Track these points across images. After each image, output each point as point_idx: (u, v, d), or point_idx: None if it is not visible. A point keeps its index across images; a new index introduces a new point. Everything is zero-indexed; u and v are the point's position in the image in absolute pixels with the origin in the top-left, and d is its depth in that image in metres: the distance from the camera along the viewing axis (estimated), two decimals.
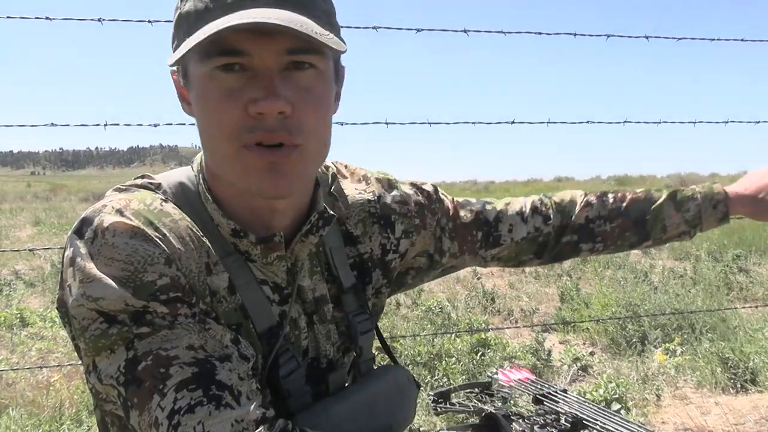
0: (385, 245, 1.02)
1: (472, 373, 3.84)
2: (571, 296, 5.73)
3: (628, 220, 1.18)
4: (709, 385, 3.69)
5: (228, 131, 0.76)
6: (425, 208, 1.07)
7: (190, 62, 0.78)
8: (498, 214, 1.15)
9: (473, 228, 1.13)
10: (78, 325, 0.73)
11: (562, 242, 1.18)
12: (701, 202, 1.18)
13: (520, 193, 15.74)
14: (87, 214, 0.77)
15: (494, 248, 1.15)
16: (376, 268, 1.02)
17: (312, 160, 0.81)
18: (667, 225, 1.19)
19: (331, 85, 0.82)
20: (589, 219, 1.18)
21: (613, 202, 1.19)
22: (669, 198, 1.19)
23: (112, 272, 0.72)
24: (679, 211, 1.19)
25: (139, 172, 0.93)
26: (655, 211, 1.18)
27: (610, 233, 1.19)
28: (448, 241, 1.10)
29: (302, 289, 0.91)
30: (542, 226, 1.16)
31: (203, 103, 0.77)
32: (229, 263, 0.84)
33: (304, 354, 0.92)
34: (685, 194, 1.19)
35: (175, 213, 0.80)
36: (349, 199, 1.00)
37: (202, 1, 0.75)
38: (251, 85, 0.74)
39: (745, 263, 7.11)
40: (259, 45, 0.73)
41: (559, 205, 1.19)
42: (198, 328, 0.74)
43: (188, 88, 0.81)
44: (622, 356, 4.30)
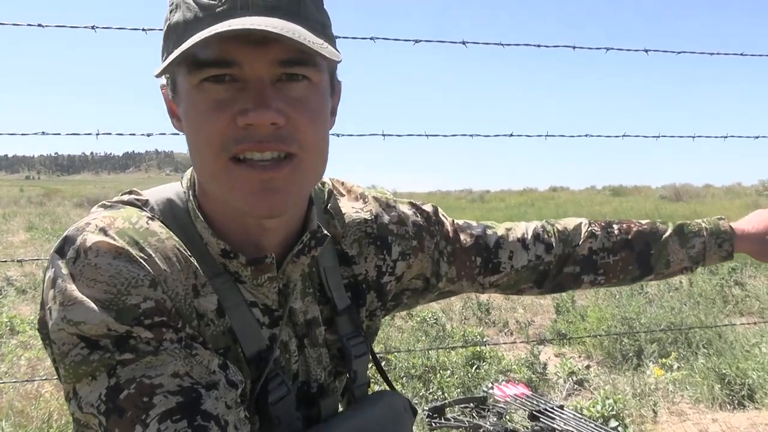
0: (380, 267, 0.99)
1: (467, 386, 3.80)
2: (566, 308, 5.70)
3: (632, 253, 1.16)
4: (706, 401, 3.66)
5: (215, 143, 0.72)
6: (423, 230, 1.04)
7: (178, 75, 0.75)
8: (498, 239, 1.11)
9: (472, 253, 1.09)
10: (58, 350, 0.70)
11: (564, 272, 1.15)
12: (707, 239, 1.16)
13: (515, 203, 15.71)
14: (69, 232, 0.74)
15: (493, 275, 1.11)
16: (371, 290, 0.98)
17: (307, 174, 0.78)
18: (671, 260, 1.17)
19: (326, 98, 0.79)
20: (593, 250, 1.15)
21: (618, 233, 1.16)
22: (675, 233, 1.17)
23: (95, 294, 0.69)
24: (683, 247, 1.16)
25: (135, 178, 0.90)
26: (660, 246, 1.16)
27: (613, 266, 1.16)
28: (445, 266, 1.06)
29: (293, 312, 0.88)
30: (544, 255, 1.13)
31: (191, 115, 0.74)
32: (218, 284, 0.80)
33: (294, 378, 0.89)
34: (691, 229, 1.17)
35: (161, 232, 0.77)
36: (345, 218, 0.97)
37: (191, 10, 0.72)
38: (241, 96, 0.71)
39: (740, 276, 7.09)
40: (250, 55, 0.70)
41: (562, 234, 1.15)
42: (184, 353, 0.71)
43: (177, 102, 0.78)
44: (618, 370, 4.27)
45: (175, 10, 0.74)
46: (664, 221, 1.19)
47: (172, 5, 0.75)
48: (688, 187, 24.13)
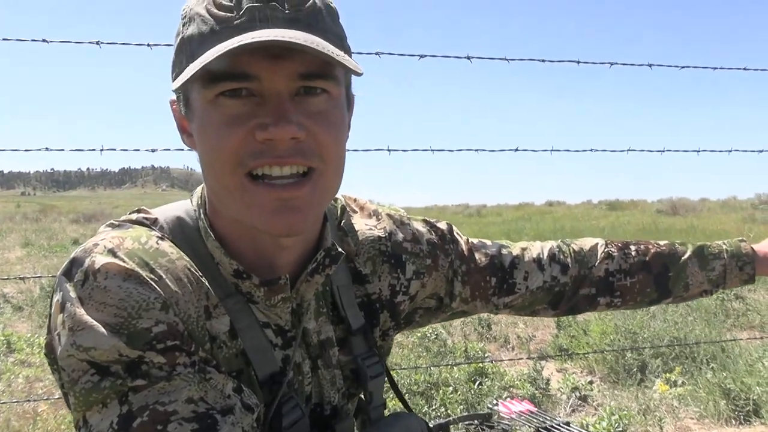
0: (394, 286, 0.97)
1: (471, 402, 3.76)
2: (568, 323, 5.67)
3: (650, 276, 1.13)
4: (711, 416, 3.62)
5: (231, 159, 0.70)
6: (438, 248, 1.02)
7: (192, 89, 0.73)
8: (514, 259, 1.08)
9: (487, 273, 1.06)
10: (67, 377, 0.68)
11: (580, 294, 1.12)
12: (727, 262, 1.14)
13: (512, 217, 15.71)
14: (77, 254, 0.72)
15: (508, 296, 1.08)
16: (384, 310, 0.96)
17: (327, 190, 0.76)
18: (690, 283, 1.14)
19: (344, 111, 0.78)
20: (609, 272, 1.12)
21: (636, 255, 1.13)
22: (694, 254, 1.14)
23: (104, 318, 0.67)
24: (703, 270, 1.14)
25: (131, 194, 0.88)
26: (678, 269, 1.13)
27: (630, 288, 1.13)
28: (459, 285, 1.04)
29: (307, 332, 0.86)
30: (560, 276, 1.10)
31: (206, 131, 0.72)
32: (230, 305, 0.78)
33: (307, 400, 0.87)
34: (711, 251, 1.14)
35: (172, 252, 0.75)
36: (359, 235, 0.95)
37: (207, 23, 0.70)
38: (259, 111, 0.69)
39: (740, 290, 7.08)
40: (269, 68, 0.68)
41: (578, 254, 1.13)
42: (198, 378, 0.69)
43: (190, 117, 0.76)
44: (622, 386, 4.23)
45: (188, 23, 0.72)
46: (683, 243, 1.16)
47: (185, 18, 0.73)
48: (684, 201, 24.19)
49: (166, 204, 0.87)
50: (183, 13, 0.74)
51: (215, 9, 0.70)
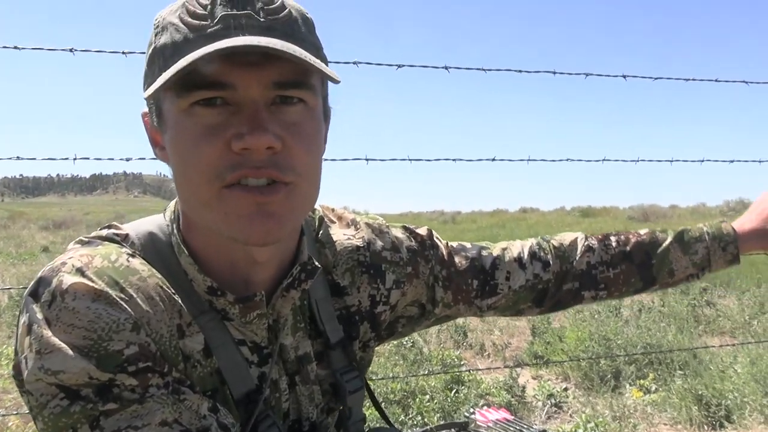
0: (374, 297, 0.95)
1: (447, 411, 3.75)
2: (543, 329, 5.70)
3: (633, 265, 1.12)
4: (684, 422, 3.67)
5: (208, 171, 0.68)
6: (418, 255, 1.01)
7: (165, 100, 0.71)
8: (494, 260, 1.08)
9: (468, 276, 1.05)
10: (36, 401, 0.65)
11: (564, 290, 1.11)
12: (710, 244, 1.12)
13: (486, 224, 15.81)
14: (44, 273, 0.70)
15: (491, 297, 1.07)
16: (364, 321, 0.95)
17: (302, 201, 0.74)
18: (675, 269, 1.13)
19: (321, 122, 0.76)
20: (591, 265, 1.11)
21: (616, 246, 1.13)
22: (675, 240, 1.13)
23: (72, 341, 0.65)
24: (686, 254, 1.12)
25: (102, 200, 0.85)
26: (661, 255, 1.12)
27: (614, 280, 1.12)
28: (441, 291, 1.03)
29: (284, 348, 0.85)
30: (542, 273, 1.09)
31: (179, 142, 0.70)
32: (204, 323, 0.77)
33: (285, 417, 0.86)
34: (692, 235, 1.13)
35: (143, 270, 0.73)
36: (336, 246, 0.94)
37: (180, 32, 0.68)
38: (235, 120, 0.67)
39: (711, 296, 7.20)
40: (244, 76, 0.67)
41: (558, 250, 1.12)
42: (171, 399, 0.67)
43: (162, 129, 0.73)
44: (596, 392, 4.27)
45: (161, 32, 0.70)
46: (663, 230, 1.16)
47: (157, 28, 0.71)
48: (655, 207, 24.60)
49: (138, 210, 0.85)
50: (156, 22, 0.72)
51: (189, 17, 0.68)
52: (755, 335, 5.45)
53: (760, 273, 8.38)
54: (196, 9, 0.68)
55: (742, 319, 6.05)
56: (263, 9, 0.69)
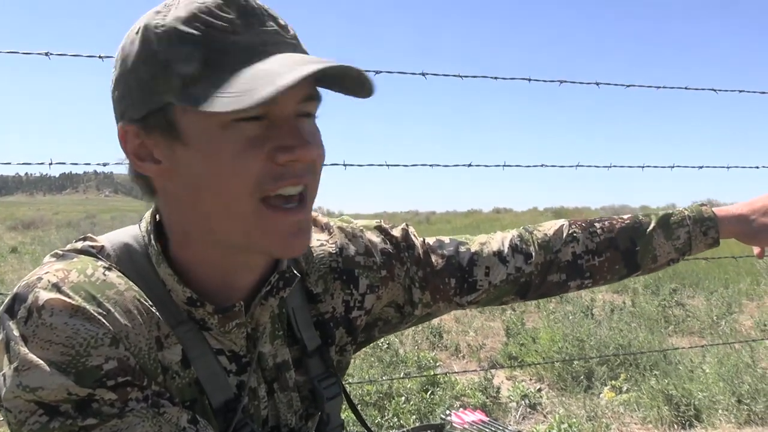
0: (348, 302, 0.95)
1: (423, 413, 3.78)
2: (517, 330, 5.76)
3: (618, 252, 1.11)
4: (655, 422, 3.74)
5: (250, 182, 0.69)
6: (393, 258, 1.00)
7: (183, 114, 0.68)
8: (472, 257, 1.06)
9: (445, 275, 1.03)
10: (14, 418, 0.65)
11: (549, 281, 1.10)
12: (691, 229, 1.12)
13: (461, 225, 15.84)
14: (19, 289, 0.69)
15: (470, 294, 1.06)
16: (340, 327, 0.95)
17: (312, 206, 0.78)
18: (658, 254, 1.13)
19: None
20: (577, 254, 1.10)
21: (601, 233, 1.11)
22: (659, 225, 1.12)
23: (50, 357, 0.64)
24: (669, 240, 1.12)
25: (72, 200, 0.83)
26: (645, 242, 1.12)
27: (599, 268, 1.11)
28: (418, 292, 1.02)
29: (262, 356, 0.85)
30: (524, 266, 1.07)
31: (215, 155, 0.68)
32: (182, 333, 0.77)
33: (264, 424, 0.86)
34: (675, 220, 1.13)
35: (120, 283, 0.72)
36: (310, 253, 0.94)
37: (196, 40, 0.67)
38: (273, 134, 0.69)
39: (680, 297, 7.35)
40: (287, 94, 0.66)
41: (542, 241, 1.10)
42: (151, 413, 0.67)
43: (174, 143, 0.70)
44: (570, 393, 4.33)
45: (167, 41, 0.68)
46: (646, 214, 1.15)
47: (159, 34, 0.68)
48: (626, 208, 25.00)
49: (109, 210, 0.84)
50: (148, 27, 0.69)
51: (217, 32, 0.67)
52: (723, 335, 5.58)
53: (727, 274, 8.58)
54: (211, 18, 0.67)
55: (710, 319, 6.19)
56: (283, 27, 0.72)
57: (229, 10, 0.68)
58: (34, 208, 61.47)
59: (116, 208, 68.67)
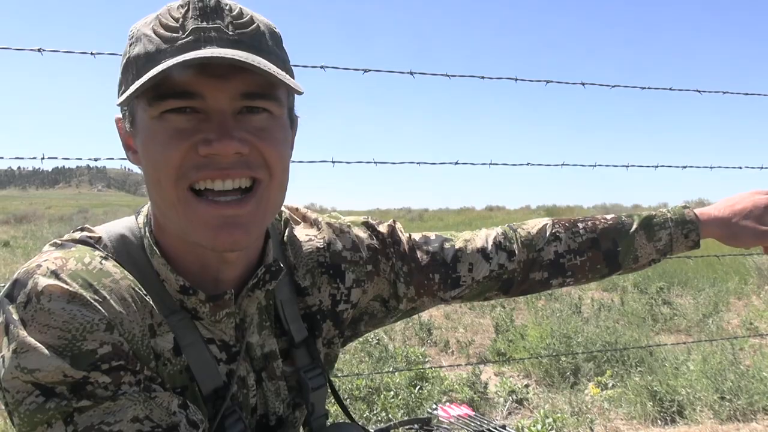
0: (335, 296, 0.99)
1: (411, 407, 3.81)
2: (506, 327, 5.81)
3: (599, 252, 1.13)
4: (639, 417, 3.79)
5: (173, 171, 0.72)
6: (379, 253, 1.03)
7: (138, 107, 0.75)
8: (456, 253, 1.08)
9: (429, 271, 1.06)
10: (12, 398, 0.68)
11: (531, 278, 1.12)
12: (673, 231, 1.14)
13: (453, 222, 15.80)
14: (19, 275, 0.72)
15: (454, 289, 1.08)
16: (327, 320, 0.98)
17: (271, 205, 0.79)
18: (639, 255, 1.15)
19: (287, 130, 0.80)
20: (559, 254, 1.12)
21: (584, 233, 1.14)
22: (641, 227, 1.14)
23: (48, 340, 0.67)
24: (651, 241, 1.14)
25: (65, 194, 0.87)
26: (627, 242, 1.14)
27: (581, 267, 1.13)
28: (403, 286, 1.05)
29: (251, 346, 0.88)
30: (507, 263, 1.10)
31: (150, 146, 0.74)
32: (175, 322, 0.80)
33: (253, 412, 0.89)
34: (657, 222, 1.15)
35: (116, 272, 0.76)
36: (298, 248, 0.97)
37: (153, 42, 0.72)
38: (203, 127, 0.71)
39: (668, 295, 7.41)
40: (212, 87, 0.71)
41: (525, 239, 1.12)
42: (143, 396, 0.70)
43: (135, 134, 0.77)
44: (556, 388, 4.38)
45: (135, 43, 0.74)
46: (629, 215, 1.17)
47: (131, 39, 0.75)
48: (618, 207, 25.08)
49: (102, 205, 0.88)
50: (130, 33, 0.76)
51: (161, 29, 0.72)
52: (709, 333, 5.63)
53: (716, 273, 8.64)
54: (168, 21, 0.72)
55: (697, 317, 6.25)
56: (232, 23, 0.73)
57: (183, 11, 0.72)
58: (26, 202, 61.02)
59: (109, 203, 68.26)
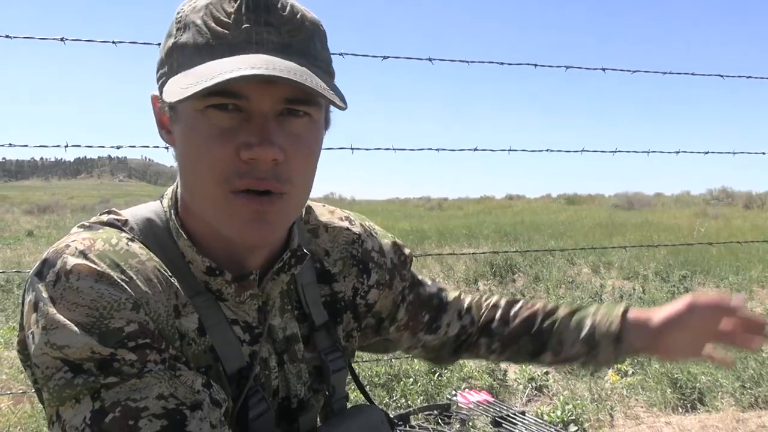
0: (357, 289, 1.01)
1: (430, 394, 3.84)
2: None
3: (531, 335, 1.15)
4: (659, 405, 3.78)
5: (218, 175, 0.73)
6: (397, 270, 1.06)
7: None
8: (447, 305, 1.14)
9: (425, 309, 1.11)
10: (41, 373, 0.70)
11: (477, 344, 1.18)
12: (603, 340, 1.10)
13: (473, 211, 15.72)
14: (48, 255, 0.74)
15: (430, 335, 1.13)
16: (347, 310, 1.00)
17: (295, 207, 0.80)
18: (564, 340, 1.13)
19: (321, 133, 0.81)
20: (502, 328, 1.17)
21: (525, 315, 1.16)
22: (569, 315, 1.14)
23: (76, 318, 0.69)
24: (577, 340, 1.12)
25: (87, 184, 0.90)
26: (558, 333, 1.13)
27: (514, 346, 1.17)
28: (403, 312, 1.09)
29: (273, 328, 0.90)
30: (469, 327, 1.17)
31: (192, 139, 0.75)
32: (199, 303, 0.81)
33: (274, 394, 0.90)
34: (591, 322, 1.12)
35: (142, 253, 0.78)
36: (333, 235, 1.00)
37: (203, 35, 0.72)
38: (245, 128, 0.72)
39: (690, 283, 7.34)
40: (258, 90, 0.71)
41: (483, 309, 1.19)
42: (168, 375, 0.72)
43: (174, 119, 0.78)
44: (576, 376, 4.37)
45: (183, 30, 0.74)
46: (573, 310, 1.16)
47: (179, 23, 0.75)
48: (640, 195, 24.86)
49: (123, 195, 0.89)
50: (178, 17, 0.76)
51: (213, 23, 0.72)
52: None
53: (739, 261, 8.53)
54: (220, 15, 0.72)
55: None
56: (284, 25, 0.73)
57: (235, 6, 0.73)
58: (49, 192, 61.99)
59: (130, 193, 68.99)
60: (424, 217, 20.68)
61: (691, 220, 15.05)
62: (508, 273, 8.43)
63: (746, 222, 14.43)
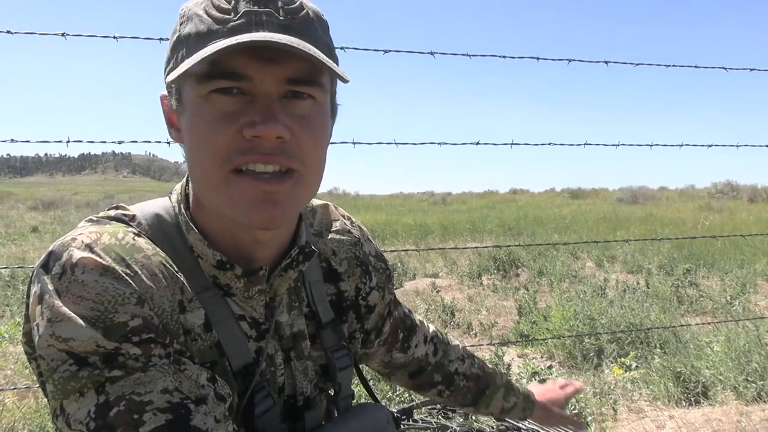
0: (360, 289, 1.02)
1: None
2: (529, 309, 5.80)
3: (476, 387, 1.27)
4: (663, 398, 3.78)
5: (219, 154, 0.74)
6: (388, 282, 1.09)
7: (185, 85, 0.76)
8: (416, 327, 1.20)
9: (400, 327, 1.16)
10: (46, 365, 0.70)
11: (431, 377, 1.23)
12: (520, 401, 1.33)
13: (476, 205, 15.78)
14: (55, 247, 0.74)
15: (401, 353, 1.18)
16: (351, 310, 1.01)
17: (306, 190, 0.80)
18: (491, 404, 1.29)
19: (328, 118, 0.81)
20: (458, 371, 1.25)
21: (478, 368, 1.28)
22: (505, 385, 1.30)
23: (81, 311, 0.69)
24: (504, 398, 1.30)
25: (91, 180, 0.90)
26: (493, 390, 1.28)
27: (462, 389, 1.26)
28: (387, 326, 1.12)
29: (280, 325, 0.90)
30: (431, 356, 1.22)
31: (195, 125, 0.75)
32: (206, 299, 0.82)
33: (280, 391, 0.91)
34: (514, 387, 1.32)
35: (148, 248, 0.78)
36: (338, 236, 1.01)
37: (204, 22, 0.73)
38: (249, 109, 0.73)
39: (694, 277, 7.32)
40: (261, 70, 0.72)
41: (446, 347, 1.25)
42: (172, 369, 0.72)
43: (180, 111, 0.78)
44: (579, 370, 4.37)
45: (186, 22, 0.75)
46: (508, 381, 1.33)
47: (183, 17, 0.77)
48: (644, 189, 24.77)
49: (127, 191, 0.90)
50: (182, 12, 0.77)
51: (213, 10, 0.73)
52: (736, 315, 5.56)
53: (743, 255, 8.51)
54: (221, 3, 0.74)
55: (723, 299, 6.17)
56: (283, 8, 0.74)
57: None
58: (53, 188, 62.07)
59: (134, 189, 69.11)
60: (428, 211, 20.69)
61: (695, 214, 15.02)
62: (512, 267, 8.43)
63: (751, 215, 14.37)
